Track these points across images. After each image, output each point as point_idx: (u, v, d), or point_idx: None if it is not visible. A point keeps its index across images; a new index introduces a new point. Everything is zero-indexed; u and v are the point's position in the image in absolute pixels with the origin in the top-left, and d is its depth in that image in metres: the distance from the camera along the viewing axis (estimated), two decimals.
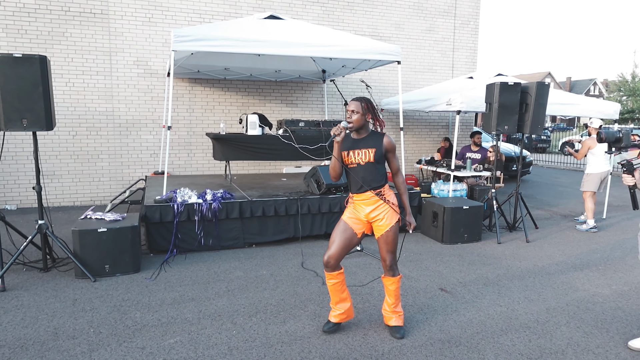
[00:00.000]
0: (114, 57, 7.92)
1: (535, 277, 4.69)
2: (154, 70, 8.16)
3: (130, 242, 4.57)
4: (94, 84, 7.87)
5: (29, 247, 5.29)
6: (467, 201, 6.21)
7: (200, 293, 4.14)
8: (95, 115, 7.93)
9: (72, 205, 7.98)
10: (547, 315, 3.78)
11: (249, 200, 5.52)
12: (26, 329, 3.41)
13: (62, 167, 7.87)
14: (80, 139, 7.90)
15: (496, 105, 5.89)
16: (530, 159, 12.53)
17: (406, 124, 10.13)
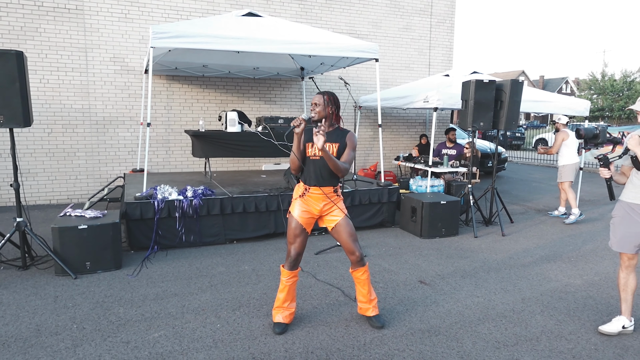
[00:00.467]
0: (90, 54, 7.81)
1: (510, 269, 4.87)
2: (131, 67, 8.07)
3: (112, 239, 4.56)
4: (69, 80, 7.74)
5: (6, 246, 5.21)
6: (444, 196, 6.37)
7: (183, 288, 4.17)
8: (71, 112, 7.81)
9: (49, 204, 7.84)
10: (522, 305, 3.94)
11: (230, 196, 5.55)
12: (7, 327, 3.38)
13: (37, 165, 7.72)
14: (55, 137, 7.77)
15: (472, 103, 6.06)
16: (505, 156, 12.86)
17: (384, 121, 10.27)
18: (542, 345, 3.25)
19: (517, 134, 23.38)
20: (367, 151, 10.24)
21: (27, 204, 7.71)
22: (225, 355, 3.04)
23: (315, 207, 3.33)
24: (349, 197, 6.11)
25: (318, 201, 3.32)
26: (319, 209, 3.34)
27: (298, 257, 3.33)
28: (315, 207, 3.34)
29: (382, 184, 6.50)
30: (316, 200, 3.32)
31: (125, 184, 6.65)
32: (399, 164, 8.67)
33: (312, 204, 3.33)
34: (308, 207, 3.33)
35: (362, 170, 9.78)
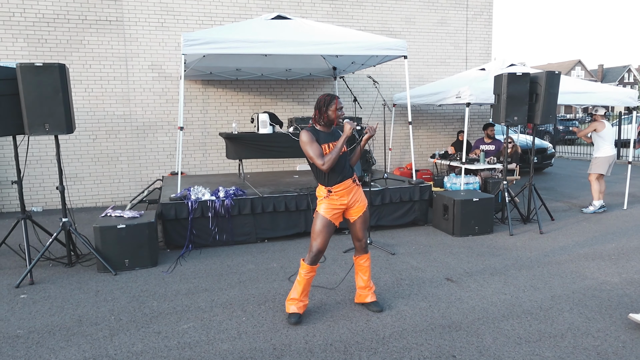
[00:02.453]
0: (130, 62, 8.33)
1: (544, 267, 4.82)
2: (168, 74, 8.54)
3: (148, 238, 4.90)
4: (111, 89, 8.29)
5: (55, 244, 5.70)
6: (478, 193, 6.36)
7: (213, 284, 4.44)
8: (114, 119, 8.35)
9: (94, 206, 8.42)
10: (551, 303, 3.93)
11: (260, 196, 5.80)
12: (53, 317, 3.76)
13: (83, 170, 8.32)
14: (100, 142, 8.34)
15: (504, 97, 6.02)
16: (552, 151, 12.49)
17: (420, 118, 10.27)
18: (567, 342, 3.26)
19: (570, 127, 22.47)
20: (402, 149, 10.28)
21: (74, 206, 8.32)
22: (248, 346, 3.25)
23: (341, 202, 3.55)
24: (379, 196, 6.22)
25: (343, 197, 3.54)
26: (346, 202, 3.56)
27: (319, 254, 3.52)
28: (342, 202, 3.55)
29: (414, 182, 6.55)
30: (342, 195, 3.54)
31: (163, 185, 7.06)
32: (435, 161, 8.66)
33: (338, 201, 3.55)
34: (334, 204, 3.55)
35: (398, 169, 9.82)
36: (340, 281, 4.44)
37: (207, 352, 3.19)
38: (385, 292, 4.16)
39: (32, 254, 5.09)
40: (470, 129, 10.53)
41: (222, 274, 4.73)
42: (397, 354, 3.13)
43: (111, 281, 4.57)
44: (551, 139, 18.49)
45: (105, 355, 3.16)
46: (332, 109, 3.49)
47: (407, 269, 4.79)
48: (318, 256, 3.52)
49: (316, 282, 4.44)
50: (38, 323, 3.66)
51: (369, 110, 9.65)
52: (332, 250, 5.48)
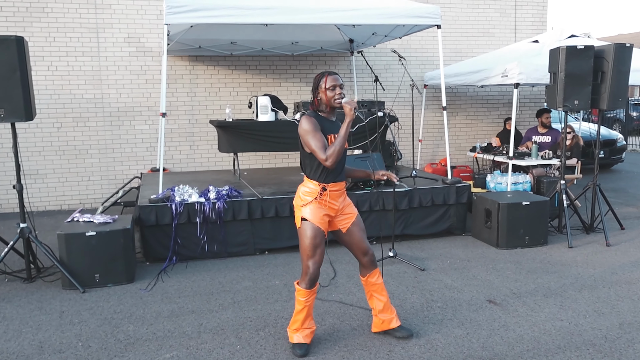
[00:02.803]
0: (102, 35, 8.42)
1: (610, 287, 4.79)
2: (148, 48, 8.62)
3: (123, 248, 4.96)
4: (79, 66, 8.40)
5: (11, 255, 5.78)
6: (528, 196, 6.32)
7: (202, 305, 4.48)
8: (82, 103, 8.46)
9: (59, 209, 8.55)
10: (619, 332, 3.90)
11: (260, 198, 5.83)
12: (9, 343, 3.82)
13: (46, 165, 8.44)
14: (66, 132, 8.45)
15: (562, 75, 5.98)
16: (622, 143, 12.36)
17: (457, 102, 10.24)
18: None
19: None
20: (436, 141, 10.24)
21: (35, 209, 8.44)
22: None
23: (332, 206, 3.53)
24: (406, 198, 6.22)
25: (335, 199, 3.53)
26: (336, 208, 3.55)
27: (318, 273, 3.50)
28: (332, 207, 3.53)
29: (449, 181, 6.54)
30: (334, 198, 3.52)
31: (141, 185, 7.13)
32: (475, 156, 8.63)
33: (329, 204, 3.51)
34: (325, 209, 3.51)
35: (430, 165, 9.80)
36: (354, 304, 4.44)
37: None
38: (412, 317, 4.16)
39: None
40: (520, 116, 10.46)
41: (213, 293, 4.76)
42: None
43: (78, 300, 4.63)
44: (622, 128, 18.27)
45: None
46: (322, 90, 3.41)
47: (439, 289, 4.79)
48: (317, 276, 3.50)
49: (328, 307, 4.45)
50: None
51: (393, 92, 9.63)
52: (347, 264, 5.50)
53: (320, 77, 3.43)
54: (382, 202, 6.15)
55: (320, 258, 3.49)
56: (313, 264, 3.46)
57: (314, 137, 3.34)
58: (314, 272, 3.48)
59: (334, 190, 3.51)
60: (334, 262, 5.59)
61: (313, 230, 3.45)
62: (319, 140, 3.34)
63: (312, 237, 3.44)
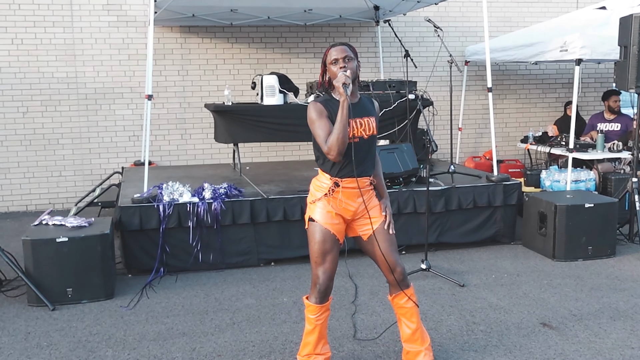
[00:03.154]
0: (76, 1, 8.53)
1: None
2: (131, 17, 8.73)
3: (100, 257, 5.03)
4: (49, 39, 8.52)
5: None
6: (593, 196, 6.36)
7: (195, 326, 4.53)
8: (53, 83, 8.58)
9: (24, 211, 8.69)
10: None
11: (265, 198, 5.89)
12: None
13: (9, 158, 8.58)
14: (33, 118, 8.59)
15: (636, 49, 6.00)
16: None
17: (506, 82, 10.25)
18: None
19: None
20: (479, 129, 10.23)
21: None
22: None
23: (348, 207, 3.49)
24: (442, 199, 6.23)
25: (351, 199, 3.48)
26: (353, 210, 3.51)
27: (329, 284, 3.49)
28: (348, 208, 3.50)
29: (495, 178, 6.54)
30: (349, 197, 3.47)
31: (122, 181, 7.21)
32: (527, 147, 8.64)
33: (342, 204, 3.48)
34: (338, 208, 3.49)
35: (472, 159, 9.79)
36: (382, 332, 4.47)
37: None
38: (449, 342, 4.18)
39: None
40: (583, 99, 10.45)
41: (208, 312, 4.82)
42: None
43: (47, 319, 4.71)
44: None
45: None
46: (326, 65, 3.44)
47: (483, 309, 4.80)
48: (328, 288, 3.50)
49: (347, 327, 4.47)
50: None
51: (427, 70, 9.61)
52: (370, 278, 5.52)
53: (327, 52, 3.45)
54: (413, 203, 6.17)
55: (331, 266, 3.48)
56: (322, 273, 3.46)
57: (319, 126, 3.35)
58: (324, 283, 3.47)
59: (349, 187, 3.46)
60: (353, 275, 5.61)
61: (322, 233, 3.45)
62: (323, 130, 3.33)
63: (321, 241, 3.45)
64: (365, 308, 4.86)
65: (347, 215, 3.52)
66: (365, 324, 4.53)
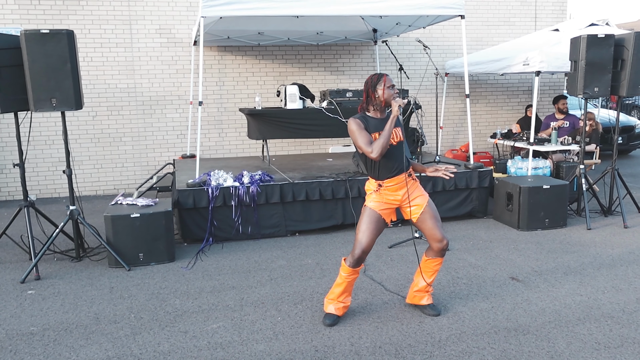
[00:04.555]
0: (134, 26, 8.70)
1: (628, 266, 4.97)
2: (179, 39, 8.88)
3: (165, 229, 5.26)
4: (113, 57, 8.69)
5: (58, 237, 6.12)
6: (548, 180, 6.50)
7: (241, 282, 4.76)
8: (116, 92, 8.76)
9: (94, 195, 8.89)
10: (636, 305, 4.10)
11: (291, 182, 6.09)
12: (67, 314, 4.14)
13: (81, 153, 8.78)
14: (100, 120, 8.78)
15: (583, 63, 6.11)
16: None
17: (478, 90, 10.37)
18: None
19: None
20: (456, 128, 10.40)
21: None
22: (286, 347, 3.56)
23: (394, 197, 3.77)
24: (430, 182, 6.42)
25: (395, 192, 3.76)
26: (399, 199, 3.78)
27: (364, 255, 3.73)
28: (394, 199, 3.78)
29: (471, 165, 6.73)
30: (393, 191, 3.76)
31: (175, 170, 7.42)
32: (496, 142, 8.78)
33: (389, 196, 3.77)
34: (385, 198, 3.77)
35: (451, 151, 9.97)
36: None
37: (242, 352, 3.51)
38: (440, 292, 4.40)
39: (35, 246, 5.51)
40: (541, 103, 10.57)
41: (250, 271, 5.05)
42: (455, 357, 3.38)
43: (125, 277, 4.95)
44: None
45: (129, 355, 3.51)
46: (380, 88, 3.68)
47: (464, 267, 5.02)
48: (362, 257, 3.73)
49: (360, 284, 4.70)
50: (52, 320, 4.05)
51: (417, 80, 9.80)
52: (376, 245, 5.74)
53: (378, 77, 3.70)
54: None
55: (369, 241, 3.69)
56: (361, 245, 3.69)
57: (359, 135, 3.63)
58: (360, 255, 3.71)
59: (390, 185, 3.75)
60: None
61: (371, 215, 3.73)
62: (364, 137, 3.62)
63: (369, 220, 3.71)
64: (372, 267, 5.08)
65: (396, 202, 3.79)
66: (374, 278, 4.77)
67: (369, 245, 3.72)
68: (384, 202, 3.77)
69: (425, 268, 3.93)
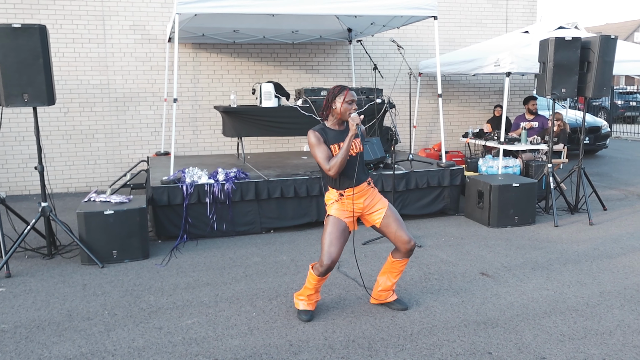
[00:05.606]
0: (108, 22, 8.60)
1: (592, 261, 5.14)
2: (153, 36, 8.81)
3: (139, 226, 5.23)
4: (86, 53, 8.58)
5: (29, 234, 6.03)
6: (518, 178, 6.65)
7: (216, 278, 4.78)
8: (89, 89, 8.65)
9: (66, 192, 8.77)
10: (599, 299, 4.25)
11: (266, 180, 6.11)
12: (39, 311, 4.10)
13: (53, 149, 8.65)
14: (72, 117, 8.66)
15: (551, 65, 6.26)
16: (606, 130, 12.72)
17: (450, 90, 10.52)
18: (615, 339, 3.58)
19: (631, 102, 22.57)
20: (429, 127, 10.54)
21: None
22: (261, 342, 3.59)
23: (357, 205, 3.78)
24: (404, 180, 6.52)
25: (356, 200, 3.75)
26: (361, 208, 3.80)
27: (331, 266, 3.71)
28: (356, 207, 3.78)
29: (444, 164, 6.84)
30: (356, 199, 3.75)
31: (150, 167, 7.37)
32: (467, 141, 8.94)
33: (350, 205, 3.78)
34: (347, 207, 3.78)
35: (424, 150, 10.10)
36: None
37: (217, 347, 3.53)
38: (412, 287, 4.49)
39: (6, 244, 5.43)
40: (511, 103, 10.76)
41: (225, 267, 5.06)
42: (427, 350, 3.46)
43: (98, 274, 4.91)
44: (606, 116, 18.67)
45: (103, 351, 3.51)
46: (340, 101, 3.62)
47: (436, 263, 5.12)
48: (331, 267, 3.72)
49: (334, 279, 4.76)
50: (23, 317, 4.00)
51: (391, 80, 9.90)
52: (350, 242, 5.80)
53: (340, 90, 3.65)
54: (381, 183, 6.44)
55: (336, 251, 3.67)
56: (329, 256, 3.67)
57: (318, 149, 3.64)
58: (329, 265, 3.69)
59: (350, 194, 3.74)
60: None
61: (335, 224, 3.72)
62: (323, 152, 3.63)
63: (334, 229, 3.70)
64: (346, 263, 5.15)
65: (358, 210, 3.80)
66: (348, 274, 4.83)
67: (338, 255, 3.69)
68: (347, 210, 3.78)
69: (391, 269, 3.98)
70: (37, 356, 3.44)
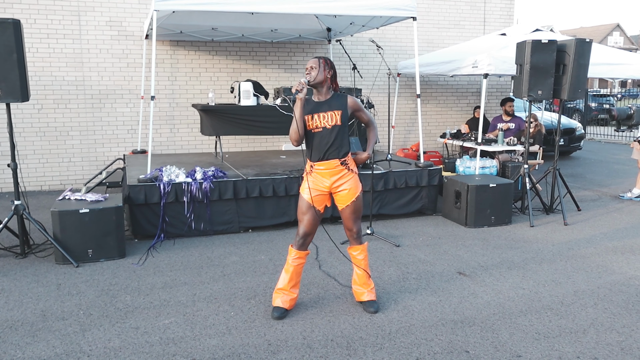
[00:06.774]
0: (83, 18, 8.47)
1: (567, 261, 5.24)
2: (130, 32, 8.71)
3: (115, 225, 5.17)
4: (60, 49, 8.44)
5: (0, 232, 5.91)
6: (495, 179, 6.74)
7: (194, 277, 4.75)
8: (64, 85, 8.52)
9: (40, 190, 8.62)
10: (573, 298, 4.34)
11: (244, 179, 6.09)
12: (12, 312, 4.03)
13: (26, 146, 8.49)
14: (46, 113, 8.51)
15: (528, 67, 6.37)
16: (580, 132, 12.97)
17: (428, 90, 10.62)
18: (589, 337, 3.66)
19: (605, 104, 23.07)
20: (407, 127, 10.61)
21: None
22: (239, 342, 3.58)
23: (323, 183, 3.87)
24: (382, 180, 6.56)
25: (325, 177, 3.85)
26: (329, 185, 3.87)
27: (307, 237, 3.89)
28: (324, 184, 3.87)
29: (422, 164, 6.90)
30: (323, 176, 3.85)
31: (126, 165, 7.29)
32: (445, 142, 9.03)
33: (319, 180, 3.87)
34: (315, 184, 3.87)
35: (402, 150, 10.17)
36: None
37: (194, 347, 3.51)
38: (390, 287, 4.52)
39: None
40: (488, 105, 10.93)
41: (203, 267, 5.03)
42: (405, 349, 3.49)
43: (73, 274, 4.84)
44: (581, 118, 19.04)
45: (79, 351, 3.46)
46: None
47: (414, 262, 5.16)
48: (305, 240, 3.89)
49: (312, 279, 4.78)
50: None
51: (370, 80, 9.95)
52: (327, 241, 5.83)
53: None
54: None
55: (308, 224, 3.86)
56: (302, 228, 3.88)
57: (294, 120, 3.78)
58: (303, 236, 3.87)
59: (320, 169, 3.83)
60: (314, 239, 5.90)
61: (302, 202, 3.89)
62: (294, 123, 3.77)
63: (300, 204, 3.90)
64: (325, 263, 5.17)
65: (325, 188, 3.88)
66: (327, 273, 4.85)
67: (310, 228, 3.87)
68: (315, 188, 3.87)
69: (353, 261, 4.07)
70: (10, 357, 3.38)
